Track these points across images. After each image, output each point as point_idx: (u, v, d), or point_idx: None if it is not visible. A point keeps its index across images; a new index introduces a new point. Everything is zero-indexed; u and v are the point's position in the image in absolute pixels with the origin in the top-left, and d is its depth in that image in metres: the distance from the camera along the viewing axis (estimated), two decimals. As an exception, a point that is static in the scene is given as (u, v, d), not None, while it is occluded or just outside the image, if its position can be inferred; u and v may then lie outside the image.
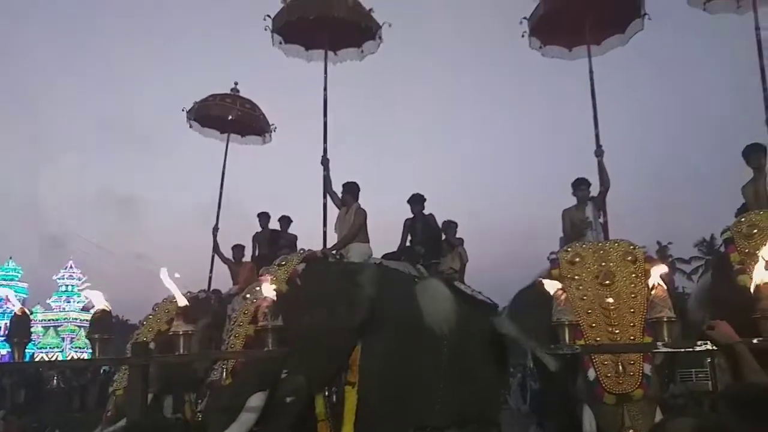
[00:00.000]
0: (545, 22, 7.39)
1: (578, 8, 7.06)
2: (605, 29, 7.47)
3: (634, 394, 4.25)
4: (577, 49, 7.67)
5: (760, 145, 5.83)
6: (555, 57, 7.89)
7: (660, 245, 28.99)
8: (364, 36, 8.19)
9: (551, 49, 7.87)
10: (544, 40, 7.75)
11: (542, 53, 7.85)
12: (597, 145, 6.77)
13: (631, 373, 4.27)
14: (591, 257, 4.93)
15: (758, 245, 4.38)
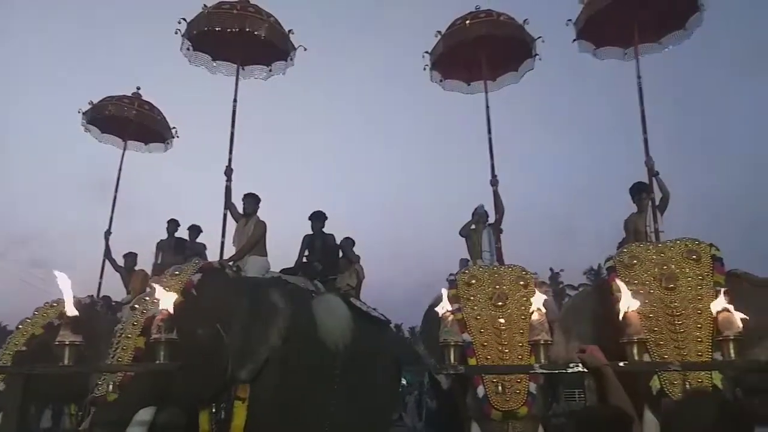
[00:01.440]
0: (445, 57, 7.70)
1: (474, 46, 7.42)
2: (500, 66, 7.89)
3: (519, 411, 4.42)
4: (474, 84, 8.03)
5: (644, 184, 6.41)
6: (454, 90, 8.24)
7: (552, 272, 30.48)
8: (276, 56, 8.17)
9: (450, 83, 8.20)
10: (444, 74, 8.07)
11: (442, 86, 8.17)
12: (492, 174, 7.14)
13: (517, 391, 4.45)
14: (486, 279, 5.14)
15: (637, 275, 4.76)
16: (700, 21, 7.08)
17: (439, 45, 7.66)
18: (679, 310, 4.39)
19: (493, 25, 7.31)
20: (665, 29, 7.36)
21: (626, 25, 7.04)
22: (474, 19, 7.40)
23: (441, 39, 7.61)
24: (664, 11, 7.07)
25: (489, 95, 7.57)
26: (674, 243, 4.93)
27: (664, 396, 4.10)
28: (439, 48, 7.66)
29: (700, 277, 4.55)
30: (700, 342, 4.23)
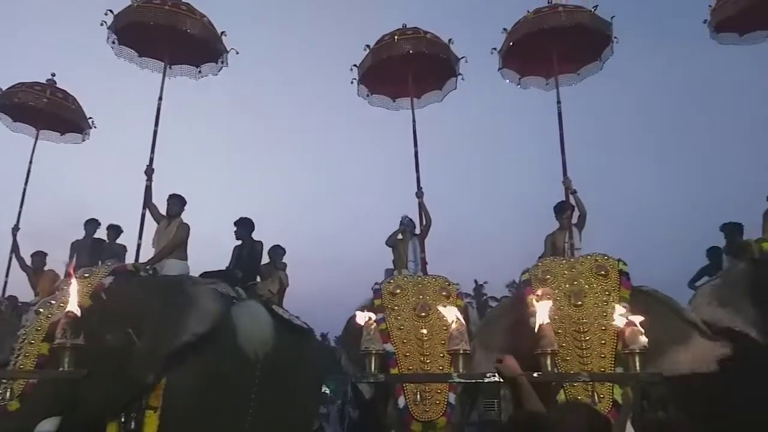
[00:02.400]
0: (372, 71, 7.79)
1: (400, 63, 7.54)
2: (425, 84, 8.06)
3: (438, 421, 4.47)
4: (400, 101, 8.16)
5: (567, 203, 6.71)
6: (380, 106, 8.35)
7: (477, 284, 31.27)
8: (207, 57, 7.97)
9: (377, 98, 8.31)
10: (371, 89, 8.15)
11: (369, 101, 8.26)
12: (418, 187, 7.27)
13: (437, 401, 4.50)
14: (411, 290, 5.20)
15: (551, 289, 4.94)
16: (611, 53, 7.49)
17: (367, 59, 7.73)
18: (586, 326, 4.52)
19: (420, 43, 7.44)
20: (582, 60, 7.73)
21: (546, 55, 7.32)
22: (402, 35, 7.51)
23: (369, 53, 7.69)
24: (580, 43, 7.38)
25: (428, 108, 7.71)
26: (585, 258, 5.10)
27: None
28: (367, 62, 7.73)
29: (606, 292, 4.70)
30: (603, 358, 4.35)
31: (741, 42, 7.79)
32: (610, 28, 7.19)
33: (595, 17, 7.10)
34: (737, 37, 7.76)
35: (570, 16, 6.96)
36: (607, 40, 7.31)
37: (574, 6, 7.11)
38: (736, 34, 7.74)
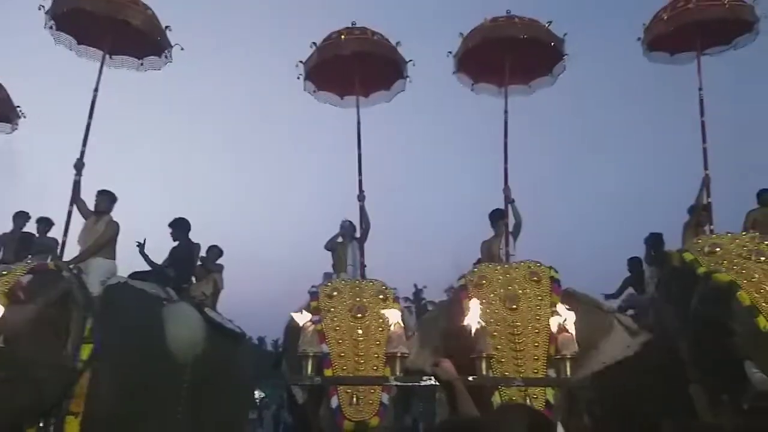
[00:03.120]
0: (318, 68, 7.73)
1: (347, 62, 7.52)
2: (373, 84, 8.06)
3: (371, 422, 4.48)
4: (348, 99, 8.13)
5: (501, 211, 6.90)
6: (327, 102, 8.28)
7: (416, 288, 31.45)
8: (149, 50, 7.71)
9: (324, 95, 8.23)
10: (318, 85, 8.08)
11: (315, 97, 8.18)
12: (360, 190, 7.24)
13: (370, 402, 4.51)
14: (348, 292, 5.21)
15: (486, 294, 5.04)
16: (563, 69, 7.70)
17: (313, 56, 7.66)
18: (520, 329, 4.70)
19: (367, 44, 7.43)
20: (534, 73, 7.92)
21: (499, 64, 7.46)
22: (349, 34, 7.48)
23: (315, 50, 7.62)
24: (533, 56, 7.56)
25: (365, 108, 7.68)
26: (519, 265, 5.32)
27: None
28: (313, 59, 7.66)
29: (539, 297, 4.91)
30: (537, 360, 4.55)
31: (671, 62, 7.96)
32: (562, 45, 7.38)
33: (549, 32, 7.28)
34: (668, 56, 7.95)
35: (525, 28, 7.14)
36: (559, 56, 7.49)
37: (530, 19, 7.26)
38: (667, 53, 7.93)
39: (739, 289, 4.36)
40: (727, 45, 7.58)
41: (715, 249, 4.84)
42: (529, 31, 7.14)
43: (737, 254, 4.72)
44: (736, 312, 4.36)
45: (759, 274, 4.46)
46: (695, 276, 4.73)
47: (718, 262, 4.72)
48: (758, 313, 4.23)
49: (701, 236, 5.47)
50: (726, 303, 4.42)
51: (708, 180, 6.79)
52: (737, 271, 4.54)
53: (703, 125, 7.00)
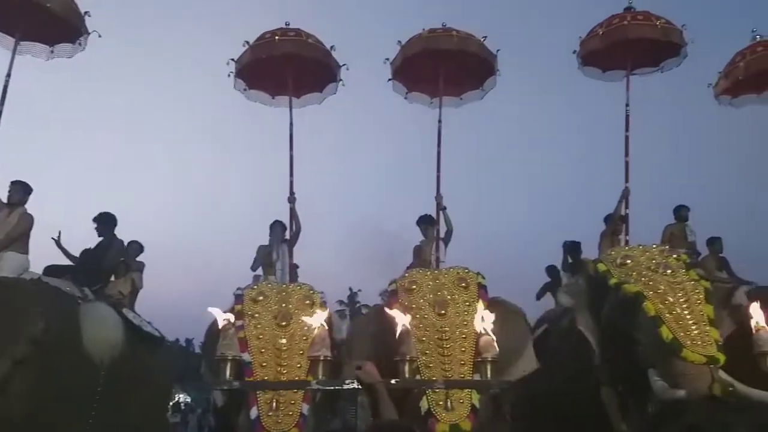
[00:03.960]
0: (251, 67, 7.58)
1: (279, 63, 7.41)
2: (305, 86, 7.97)
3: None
4: (279, 98, 8.00)
5: (429, 217, 6.95)
6: (258, 101, 8.12)
7: (351, 291, 31.37)
8: (63, 36, 7.27)
9: (255, 94, 8.07)
10: (250, 84, 7.93)
11: (246, 96, 8.01)
12: (290, 192, 7.10)
13: (290, 412, 4.42)
14: (274, 297, 5.10)
15: (416, 299, 5.07)
16: (494, 84, 7.84)
17: (245, 55, 7.48)
18: (448, 334, 4.76)
19: (300, 46, 7.30)
20: (466, 86, 8.01)
21: (433, 75, 7.53)
22: (283, 36, 7.34)
23: (248, 49, 7.45)
24: (466, 69, 7.67)
25: (295, 112, 7.58)
26: (448, 271, 5.40)
27: (431, 417, 4.38)
28: (245, 58, 7.48)
29: (467, 303, 4.98)
30: (463, 365, 4.60)
31: (602, 78, 8.08)
32: (495, 60, 7.50)
33: (483, 47, 7.38)
34: (600, 73, 8.06)
35: (461, 41, 7.20)
36: (491, 71, 7.62)
37: (466, 33, 7.34)
38: (599, 69, 8.05)
39: (645, 299, 4.61)
40: (655, 67, 7.89)
41: (626, 261, 5.10)
42: (464, 45, 7.22)
43: (646, 266, 4.98)
44: (641, 322, 4.62)
45: (664, 286, 4.72)
46: (607, 286, 4.98)
47: (628, 273, 4.97)
48: (661, 323, 4.48)
49: (615, 248, 5.70)
50: (633, 313, 4.67)
51: (627, 192, 7.02)
52: (644, 283, 4.79)
53: (627, 140, 7.25)
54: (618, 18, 7.34)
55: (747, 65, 7.75)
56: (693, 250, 8.04)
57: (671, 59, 7.71)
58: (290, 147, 7.34)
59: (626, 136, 7.24)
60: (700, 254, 8.00)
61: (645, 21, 7.21)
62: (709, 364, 4.25)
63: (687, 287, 4.73)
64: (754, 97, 8.34)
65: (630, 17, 7.23)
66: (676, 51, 7.56)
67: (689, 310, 4.57)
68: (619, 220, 6.96)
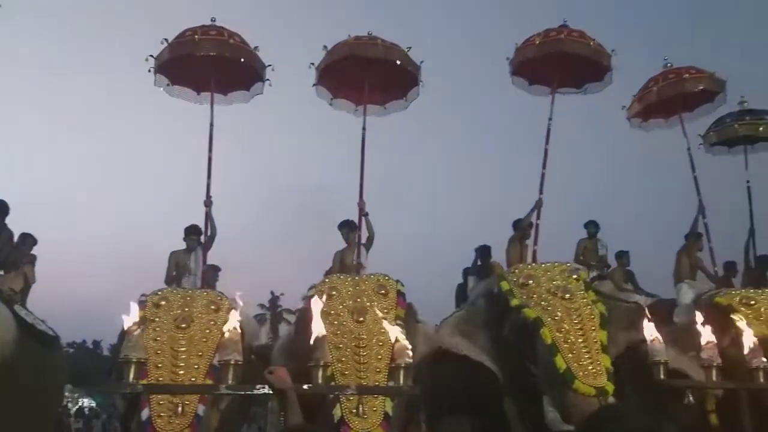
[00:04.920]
0: (171, 64, 7.31)
1: (203, 60, 7.14)
2: (230, 85, 7.73)
3: None
4: (204, 95, 7.72)
5: (350, 222, 6.90)
6: (180, 98, 7.82)
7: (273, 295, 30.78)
8: None
9: (177, 90, 7.76)
10: (172, 80, 7.66)
11: (168, 92, 7.72)
12: (207, 195, 6.85)
13: (184, 414, 4.32)
14: (177, 302, 5.02)
15: (335, 305, 5.02)
16: (417, 95, 7.86)
17: (164, 53, 7.20)
18: (365, 342, 4.74)
19: (221, 46, 7.03)
20: (390, 95, 7.98)
21: (358, 82, 7.45)
22: (204, 35, 7.06)
23: (167, 47, 7.16)
24: (390, 78, 7.61)
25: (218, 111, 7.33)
26: (369, 277, 5.41)
27: (343, 425, 4.34)
28: (165, 55, 7.18)
29: (386, 310, 4.99)
30: (379, 372, 4.60)
31: (528, 91, 8.15)
32: (418, 71, 7.48)
33: (407, 57, 7.35)
34: (527, 84, 8.13)
35: (385, 50, 7.16)
36: (415, 81, 7.64)
37: (391, 42, 7.31)
38: (527, 81, 8.12)
39: (543, 326, 4.76)
40: (578, 89, 8.11)
41: (528, 281, 5.24)
42: (389, 54, 7.17)
43: (546, 289, 5.14)
44: (538, 349, 4.77)
45: (561, 312, 4.88)
46: (509, 306, 5.11)
47: (529, 295, 5.12)
48: (557, 352, 4.63)
49: (519, 265, 5.78)
50: (531, 339, 4.82)
51: (540, 203, 7.15)
52: (544, 308, 4.95)
53: (546, 153, 7.43)
54: (555, 31, 7.52)
55: (658, 91, 8.22)
56: (603, 263, 8.48)
57: (596, 83, 7.95)
58: (209, 148, 7.05)
59: (545, 149, 7.43)
60: (609, 266, 8.43)
61: (580, 38, 7.40)
62: (599, 396, 4.36)
63: (583, 313, 4.89)
64: (663, 122, 8.86)
65: (566, 32, 7.42)
66: (601, 75, 7.80)
67: (584, 337, 4.72)
68: (528, 227, 7.11)
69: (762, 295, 5.79)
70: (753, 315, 5.33)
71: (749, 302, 5.55)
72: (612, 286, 7.49)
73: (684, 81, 8.07)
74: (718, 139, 8.69)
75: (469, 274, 7.52)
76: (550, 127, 7.52)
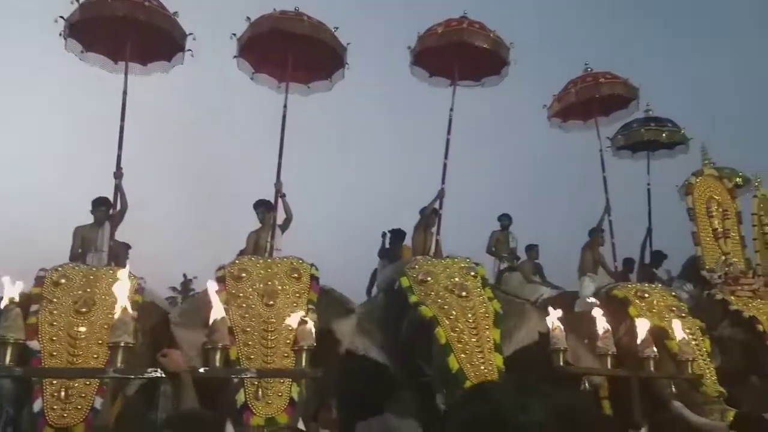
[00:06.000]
0: (84, 26, 6.81)
1: (119, 25, 6.63)
2: (149, 54, 7.26)
3: (75, 429, 4.05)
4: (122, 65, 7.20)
5: (265, 201, 6.69)
6: (95, 65, 7.25)
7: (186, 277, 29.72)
8: None
9: (92, 56, 7.23)
10: (86, 46, 7.13)
11: (82, 59, 7.15)
12: (117, 167, 6.44)
13: (78, 406, 4.07)
14: (78, 281, 4.68)
15: (245, 287, 4.85)
16: (342, 76, 7.66)
17: (75, 14, 6.67)
18: (274, 326, 4.59)
19: (136, 8, 6.52)
20: (314, 74, 7.71)
21: (281, 58, 7.14)
22: None
23: (78, 8, 6.64)
24: (315, 58, 7.35)
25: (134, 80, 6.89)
26: (282, 260, 5.21)
27: (246, 410, 4.18)
28: (75, 17, 6.67)
29: (297, 294, 4.86)
30: (287, 357, 4.42)
31: (428, 82, 8.05)
32: (345, 52, 7.26)
33: (334, 37, 7.09)
34: (427, 76, 8.03)
35: (311, 28, 6.86)
36: (340, 63, 7.40)
37: (318, 21, 7.02)
38: (427, 72, 8.01)
39: (438, 326, 4.81)
40: (477, 81, 8.10)
41: (426, 278, 5.26)
42: (314, 31, 6.88)
43: (444, 286, 5.19)
44: (433, 348, 4.81)
45: (456, 311, 4.94)
46: (407, 302, 5.13)
47: (427, 292, 5.15)
48: (450, 352, 4.70)
49: (420, 260, 5.73)
50: (427, 337, 4.85)
51: (443, 193, 7.15)
52: (440, 306, 5.00)
53: (447, 143, 7.42)
54: (456, 21, 7.49)
55: (576, 93, 8.52)
56: (513, 255, 8.74)
57: (494, 76, 7.99)
58: (122, 117, 6.62)
59: (447, 139, 7.44)
60: (519, 258, 8.70)
61: (480, 30, 7.42)
62: None
63: (478, 312, 4.96)
64: (581, 124, 9.18)
65: (467, 23, 7.41)
66: (499, 68, 7.86)
67: (477, 336, 4.80)
68: (431, 215, 7.13)
69: (655, 289, 6.18)
70: (646, 307, 5.68)
71: (643, 295, 5.87)
72: (521, 278, 7.72)
73: (600, 85, 8.39)
74: (625, 143, 9.20)
75: (380, 257, 7.49)
76: (452, 117, 7.53)
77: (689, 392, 5.15)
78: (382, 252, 7.45)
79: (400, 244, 7.38)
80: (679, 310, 5.67)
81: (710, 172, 7.66)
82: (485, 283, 5.39)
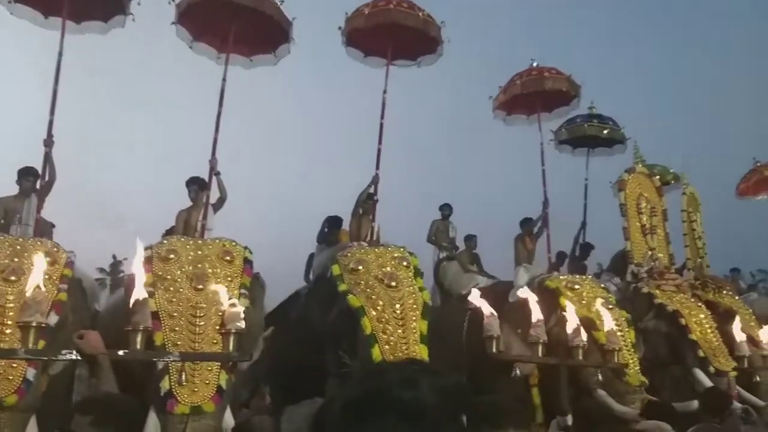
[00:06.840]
0: None
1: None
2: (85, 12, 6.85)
3: (7, 400, 3.87)
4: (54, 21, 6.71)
5: (198, 179, 6.41)
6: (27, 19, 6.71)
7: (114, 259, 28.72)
8: None
9: (20, 9, 6.69)
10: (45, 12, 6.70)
11: (9, 10, 6.62)
12: (48, 134, 6.04)
13: (9, 377, 3.90)
14: (4, 251, 4.43)
15: (173, 269, 4.59)
16: (287, 52, 7.45)
17: None
18: (203, 310, 4.35)
19: None
20: (258, 48, 7.49)
21: (222, 29, 6.90)
22: None
23: None
24: (259, 31, 7.13)
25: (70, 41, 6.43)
26: (213, 242, 4.95)
27: (171, 397, 3.98)
28: None
29: (229, 278, 4.63)
30: (216, 343, 4.18)
31: (364, 62, 8.00)
32: (290, 27, 7.04)
33: (279, 11, 6.86)
34: (362, 56, 7.98)
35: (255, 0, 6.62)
36: (286, 37, 7.17)
37: None
38: (362, 53, 7.96)
39: (365, 316, 4.77)
40: (412, 61, 8.11)
41: (358, 267, 5.20)
42: (259, 4, 6.62)
43: (374, 276, 5.14)
44: (359, 337, 4.78)
45: (384, 301, 4.92)
46: (337, 291, 5.08)
47: (357, 281, 5.10)
48: (375, 343, 4.67)
49: (354, 247, 5.65)
50: (354, 327, 4.82)
51: (377, 179, 7.11)
52: (368, 296, 4.96)
53: (381, 127, 7.35)
54: (384, 1, 7.38)
55: (521, 85, 8.68)
56: (453, 244, 8.80)
57: (428, 55, 7.97)
58: (55, 81, 6.18)
59: (381, 124, 7.36)
60: (458, 248, 8.78)
61: (409, 9, 7.35)
62: None
63: (406, 303, 4.94)
64: (524, 118, 9.36)
65: (395, 3, 7.31)
66: (433, 48, 7.83)
67: (403, 328, 4.78)
68: (368, 200, 7.07)
69: (585, 280, 6.38)
70: (576, 298, 5.82)
71: (573, 286, 6.03)
72: (458, 267, 7.77)
73: (544, 79, 8.59)
74: (568, 136, 9.50)
75: (318, 242, 7.38)
76: (385, 100, 7.43)
77: (613, 382, 5.35)
78: (320, 237, 7.33)
79: (337, 231, 7.28)
80: (606, 302, 5.84)
81: (641, 169, 7.97)
82: (417, 273, 5.35)
